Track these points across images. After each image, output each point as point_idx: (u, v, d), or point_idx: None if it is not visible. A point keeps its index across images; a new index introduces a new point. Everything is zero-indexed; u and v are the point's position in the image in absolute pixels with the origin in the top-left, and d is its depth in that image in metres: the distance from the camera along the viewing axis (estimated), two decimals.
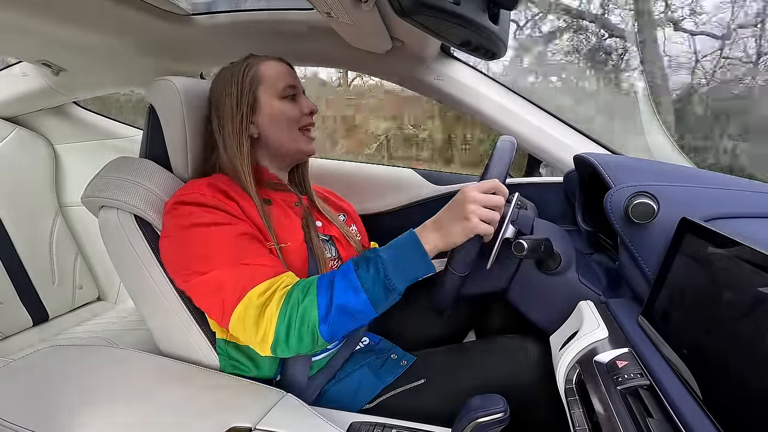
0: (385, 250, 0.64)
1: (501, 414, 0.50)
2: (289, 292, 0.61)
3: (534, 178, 1.22)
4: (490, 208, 0.62)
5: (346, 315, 0.60)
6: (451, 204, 0.65)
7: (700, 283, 0.48)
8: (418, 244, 0.63)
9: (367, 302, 0.60)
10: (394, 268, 0.61)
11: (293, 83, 0.80)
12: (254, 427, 0.57)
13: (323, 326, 0.59)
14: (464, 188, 0.64)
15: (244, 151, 0.76)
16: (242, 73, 0.77)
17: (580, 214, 0.90)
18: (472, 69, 1.13)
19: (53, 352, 0.74)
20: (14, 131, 1.47)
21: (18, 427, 0.56)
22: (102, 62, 1.14)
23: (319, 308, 0.59)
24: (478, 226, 0.61)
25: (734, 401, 0.39)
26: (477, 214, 0.61)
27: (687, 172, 0.64)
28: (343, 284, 0.61)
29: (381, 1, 0.70)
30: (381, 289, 0.61)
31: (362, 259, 0.64)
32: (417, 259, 0.62)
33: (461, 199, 0.63)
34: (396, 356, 0.83)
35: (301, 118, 0.81)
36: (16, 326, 1.37)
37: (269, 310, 0.60)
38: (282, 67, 0.80)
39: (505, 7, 0.61)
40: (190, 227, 0.66)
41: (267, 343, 0.61)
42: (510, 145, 0.71)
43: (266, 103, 0.78)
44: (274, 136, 0.79)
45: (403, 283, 0.62)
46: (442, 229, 0.63)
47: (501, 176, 0.67)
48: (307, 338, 0.60)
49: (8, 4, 0.80)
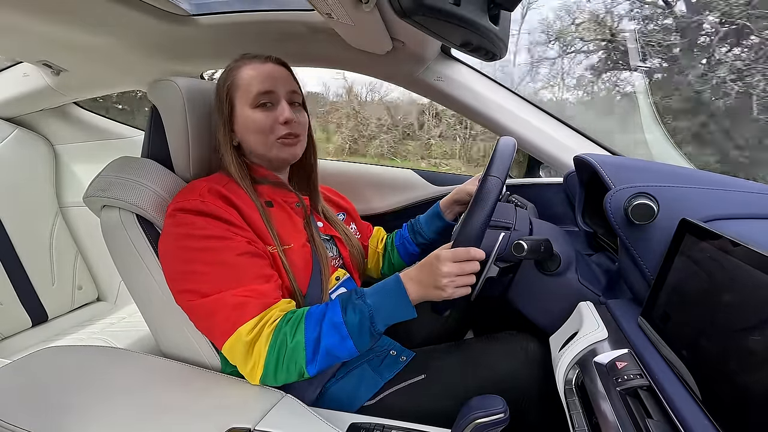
0: (371, 296, 0.65)
1: (501, 415, 0.50)
2: (276, 330, 0.63)
3: (534, 179, 1.22)
4: (466, 275, 0.63)
5: (331, 357, 0.63)
6: (427, 267, 0.64)
7: (700, 284, 0.48)
8: (402, 292, 0.64)
9: (352, 347, 0.63)
10: (380, 314, 0.63)
11: (267, 88, 0.74)
12: (253, 427, 0.57)
13: (310, 366, 0.62)
14: (439, 255, 0.63)
15: (232, 161, 0.75)
16: (224, 80, 0.76)
17: (580, 215, 0.90)
18: (473, 70, 1.13)
19: (53, 352, 0.74)
20: (14, 131, 1.47)
21: (17, 428, 0.56)
22: (102, 62, 1.14)
23: (307, 351, 0.62)
24: (454, 294, 0.63)
25: (733, 402, 0.39)
26: (452, 285, 0.62)
27: (687, 173, 0.64)
28: (330, 329, 0.63)
29: (381, 2, 0.70)
30: (366, 335, 0.63)
31: (350, 304, 0.64)
32: (401, 307, 0.64)
33: (436, 269, 0.63)
34: (395, 352, 0.83)
35: (275, 127, 0.75)
36: (16, 327, 1.37)
37: (258, 347, 0.62)
38: (262, 69, 0.75)
39: (505, 8, 0.61)
40: (189, 239, 0.66)
41: (256, 376, 0.63)
42: (510, 145, 0.71)
43: (240, 113, 0.75)
44: (250, 145, 0.77)
45: (385, 326, 0.65)
46: (421, 287, 0.64)
47: (501, 176, 0.67)
48: (294, 374, 0.63)
49: (9, 4, 0.80)
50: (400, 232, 1.05)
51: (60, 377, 0.67)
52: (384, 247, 1.05)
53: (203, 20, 1.00)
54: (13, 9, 0.82)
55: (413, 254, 1.02)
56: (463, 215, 0.69)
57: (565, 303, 0.73)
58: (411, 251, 1.02)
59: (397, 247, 1.03)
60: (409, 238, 1.02)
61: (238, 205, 0.71)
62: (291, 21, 0.98)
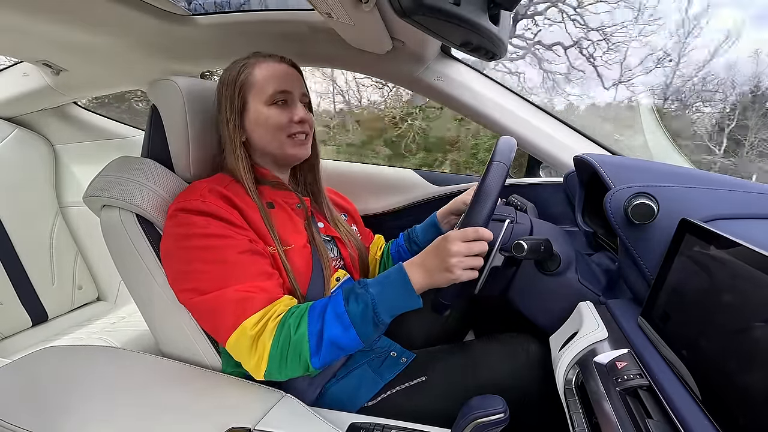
0: (374, 285, 0.65)
1: (501, 415, 0.50)
2: (281, 323, 0.63)
3: (534, 179, 1.22)
4: (474, 255, 0.63)
5: (336, 348, 0.63)
6: (434, 250, 0.65)
7: (700, 284, 0.48)
8: (405, 281, 0.64)
9: (356, 337, 0.63)
10: (383, 304, 0.63)
11: (285, 88, 0.76)
12: (253, 427, 0.57)
13: (314, 359, 0.62)
14: (447, 236, 0.64)
15: (240, 156, 0.76)
16: (237, 76, 0.76)
17: (580, 215, 0.90)
18: (473, 69, 1.13)
19: (53, 352, 0.74)
20: (14, 131, 1.47)
21: (17, 428, 0.56)
22: (102, 62, 1.14)
23: (311, 342, 0.61)
24: (461, 276, 0.63)
25: (733, 402, 0.39)
26: (460, 266, 0.62)
27: (687, 172, 0.64)
28: (333, 319, 0.63)
29: (381, 2, 0.70)
30: (370, 324, 0.63)
31: (352, 294, 0.64)
32: (405, 296, 0.64)
33: (444, 249, 0.63)
34: (395, 354, 0.83)
35: (289, 125, 0.77)
36: (16, 326, 1.37)
37: (262, 341, 0.62)
38: (278, 68, 0.77)
39: (505, 8, 0.61)
40: (190, 239, 0.66)
41: (260, 370, 0.63)
42: (510, 145, 0.71)
43: (253, 109, 0.76)
44: (261, 141, 0.78)
45: (390, 317, 0.64)
46: (427, 272, 0.64)
47: (506, 162, 0.67)
48: (299, 368, 0.63)
49: (8, 4, 0.80)
50: (396, 240, 1.05)
51: (60, 377, 0.67)
52: (381, 255, 1.05)
53: (203, 20, 1.00)
54: (13, 9, 0.82)
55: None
56: (471, 199, 0.70)
57: (565, 303, 0.73)
58: (405, 259, 1.02)
59: (393, 255, 1.03)
60: (405, 246, 1.02)
61: (239, 206, 0.71)
62: (291, 21, 0.98)
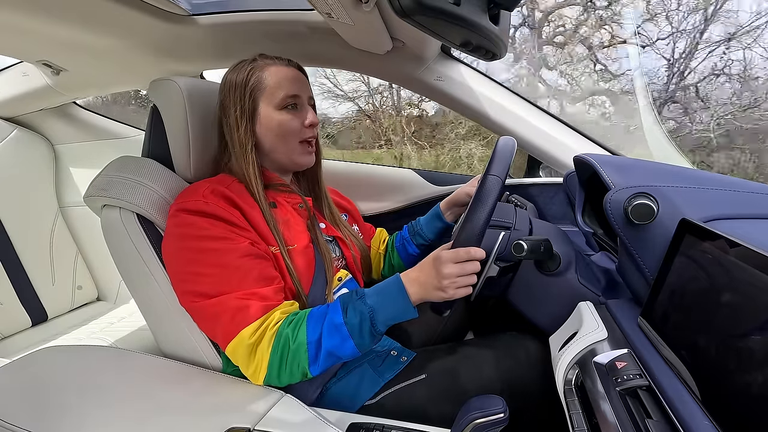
0: (372, 296, 0.65)
1: (500, 415, 0.50)
2: (279, 332, 0.63)
3: (534, 179, 1.22)
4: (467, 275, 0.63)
5: (334, 357, 0.63)
6: (428, 268, 0.64)
7: (700, 284, 0.48)
8: (403, 293, 0.64)
9: (353, 347, 0.63)
10: (380, 315, 0.63)
11: (295, 92, 0.77)
12: (253, 427, 0.57)
13: (313, 367, 0.63)
14: (439, 257, 0.63)
15: (251, 160, 0.75)
16: (245, 80, 0.75)
17: (580, 215, 0.90)
18: (473, 70, 1.13)
19: (52, 352, 0.74)
20: (14, 131, 1.47)
21: (17, 428, 0.56)
22: (102, 62, 1.14)
23: (309, 352, 0.62)
24: (455, 294, 0.63)
25: (733, 402, 0.39)
26: (453, 286, 0.62)
27: (687, 172, 0.64)
28: (331, 330, 0.63)
29: (381, 2, 0.70)
30: (367, 335, 0.63)
31: (350, 304, 0.64)
32: (402, 308, 0.64)
33: (437, 271, 0.63)
34: (396, 353, 0.83)
35: (301, 130, 0.78)
36: (15, 326, 1.37)
37: (260, 350, 0.62)
38: (288, 72, 0.77)
39: (505, 8, 0.61)
40: (191, 240, 0.66)
41: (259, 378, 0.64)
42: (510, 145, 0.71)
43: (264, 114, 0.76)
44: (271, 146, 0.78)
45: (386, 327, 0.65)
46: (422, 287, 0.64)
47: (501, 175, 0.67)
48: (298, 375, 0.64)
49: (8, 4, 0.80)
50: (401, 233, 1.05)
51: (60, 377, 0.67)
52: (385, 248, 1.05)
53: (203, 20, 1.00)
54: (13, 9, 0.81)
55: (413, 255, 1.02)
56: (463, 215, 0.69)
57: (565, 303, 0.73)
58: (411, 252, 1.02)
59: (397, 248, 1.03)
60: (409, 239, 1.02)
61: (241, 206, 0.71)
62: (291, 20, 0.98)
